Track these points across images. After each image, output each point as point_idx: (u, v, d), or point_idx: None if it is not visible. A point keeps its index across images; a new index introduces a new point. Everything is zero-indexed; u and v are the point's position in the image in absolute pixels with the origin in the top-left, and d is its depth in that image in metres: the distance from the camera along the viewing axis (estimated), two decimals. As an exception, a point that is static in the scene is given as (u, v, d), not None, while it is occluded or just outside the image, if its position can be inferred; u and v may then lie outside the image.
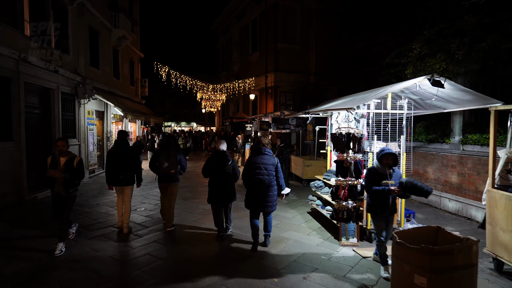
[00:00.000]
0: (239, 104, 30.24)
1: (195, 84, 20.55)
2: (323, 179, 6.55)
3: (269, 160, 4.83)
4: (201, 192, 9.48)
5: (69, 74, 10.36)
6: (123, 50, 16.03)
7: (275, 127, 12.95)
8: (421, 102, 5.40)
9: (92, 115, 12.36)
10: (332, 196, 4.46)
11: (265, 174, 4.74)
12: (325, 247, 5.12)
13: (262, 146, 4.90)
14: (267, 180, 4.75)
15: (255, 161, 4.79)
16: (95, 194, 9.20)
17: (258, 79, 24.86)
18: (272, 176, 4.82)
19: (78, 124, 11.14)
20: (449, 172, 7.19)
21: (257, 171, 4.73)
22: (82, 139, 11.33)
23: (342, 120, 6.40)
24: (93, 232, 5.85)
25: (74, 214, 7.02)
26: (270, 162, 4.82)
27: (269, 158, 4.85)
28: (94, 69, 12.57)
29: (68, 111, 10.63)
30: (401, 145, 5.21)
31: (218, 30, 35.34)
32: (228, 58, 32.55)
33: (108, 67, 13.97)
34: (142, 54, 18.60)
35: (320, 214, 6.71)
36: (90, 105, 12.09)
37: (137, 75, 18.30)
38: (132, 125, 17.80)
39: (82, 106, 11.36)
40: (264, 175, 4.74)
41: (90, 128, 12.03)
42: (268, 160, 4.83)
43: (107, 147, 13.56)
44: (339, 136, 4.16)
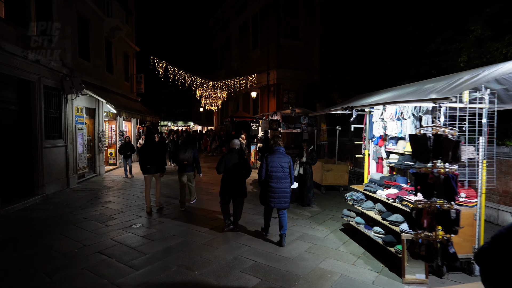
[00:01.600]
0: (239, 103, 28.82)
1: (194, 81, 19.12)
2: (364, 191, 5.22)
3: (284, 159, 5.09)
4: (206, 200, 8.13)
5: (54, 65, 8.89)
6: (117, 43, 14.53)
7: (285, 126, 11.61)
8: (505, 94, 4.09)
9: (82, 113, 10.89)
10: (409, 223, 3.15)
11: (281, 172, 5.00)
12: (383, 286, 3.80)
13: (278, 145, 5.24)
14: (283, 177, 5.02)
15: (272, 160, 5.05)
16: (83, 204, 7.77)
17: (260, 76, 23.47)
18: (287, 174, 5.07)
19: (65, 122, 9.67)
20: (510, 181, 5.93)
21: (274, 169, 5.00)
22: (69, 139, 9.86)
23: (390, 117, 5.07)
24: (72, 266, 4.43)
25: (53, 233, 5.60)
26: (284, 161, 5.08)
27: (284, 157, 5.11)
28: (83, 61, 11.09)
29: (52, 108, 9.15)
30: (479, 149, 3.90)
31: (216, 27, 33.84)
32: (227, 56, 31.11)
33: (99, 59, 12.49)
34: (137, 48, 17.08)
35: (356, 231, 5.40)
36: (79, 102, 10.62)
37: (132, 70, 16.79)
38: (127, 124, 16.30)
39: (69, 103, 9.89)
40: (280, 172, 5.00)
41: (79, 127, 10.56)
42: (283, 158, 5.09)
43: (99, 148, 12.09)
44: (423, 138, 2.86)
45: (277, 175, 4.98)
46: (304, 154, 7.65)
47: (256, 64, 24.73)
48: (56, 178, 9.09)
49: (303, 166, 7.63)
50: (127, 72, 16.23)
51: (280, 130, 11.50)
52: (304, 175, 7.61)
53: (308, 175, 7.61)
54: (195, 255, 4.69)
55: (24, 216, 6.76)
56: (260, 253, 4.77)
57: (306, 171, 7.63)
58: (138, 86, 16.76)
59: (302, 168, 7.63)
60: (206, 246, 5.06)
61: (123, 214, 6.89)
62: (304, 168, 7.63)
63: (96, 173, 11.84)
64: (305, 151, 7.64)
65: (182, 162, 7.06)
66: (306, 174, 7.61)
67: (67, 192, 9.09)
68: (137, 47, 17.04)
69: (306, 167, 7.64)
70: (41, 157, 8.35)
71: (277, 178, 4.98)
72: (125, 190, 9.37)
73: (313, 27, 23.35)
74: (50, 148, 8.86)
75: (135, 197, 8.54)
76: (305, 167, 7.64)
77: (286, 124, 11.69)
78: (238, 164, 5.47)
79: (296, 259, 4.57)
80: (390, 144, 5.59)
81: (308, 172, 7.65)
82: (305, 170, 7.63)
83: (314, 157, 7.57)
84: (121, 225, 6.09)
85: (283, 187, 5.01)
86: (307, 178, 7.58)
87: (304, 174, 7.61)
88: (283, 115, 11.86)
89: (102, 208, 7.41)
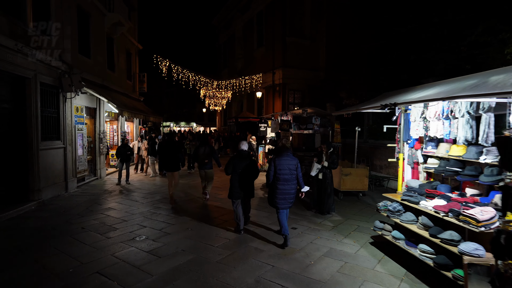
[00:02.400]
0: (243, 104, 28.13)
1: (198, 80, 18.44)
2: (402, 201, 4.52)
3: (292, 161, 5.12)
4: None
5: (51, 60, 8.23)
6: (119, 40, 13.86)
7: (296, 127, 10.93)
8: None
9: (82, 113, 10.22)
10: (494, 250, 2.45)
11: (288, 174, 5.04)
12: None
13: (286, 148, 5.33)
14: (291, 179, 5.07)
15: (279, 163, 5.07)
16: (81, 211, 7.08)
17: (265, 76, 22.77)
18: (295, 176, 5.11)
19: (64, 122, 8.99)
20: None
21: (282, 172, 5.02)
22: (68, 141, 9.18)
23: (435, 116, 4.37)
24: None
25: (46, 247, 4.91)
26: (292, 163, 5.11)
27: (291, 159, 5.14)
28: (83, 57, 10.42)
29: (50, 107, 8.48)
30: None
31: (220, 25, 33.16)
32: (231, 55, 30.42)
33: (101, 56, 11.82)
34: (140, 46, 16.41)
35: (391, 246, 4.71)
36: (79, 101, 9.95)
37: (135, 68, 16.11)
38: (129, 125, 15.64)
39: (68, 102, 9.21)
40: (288, 174, 5.04)
41: (79, 127, 9.89)
42: (291, 161, 5.12)
43: (100, 150, 11.41)
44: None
45: (285, 178, 5.04)
46: (324, 157, 6.94)
47: (261, 63, 24.04)
48: (53, 182, 8.41)
49: (323, 170, 6.93)
50: (129, 71, 15.56)
51: (292, 131, 10.81)
52: (323, 180, 6.91)
53: (328, 181, 6.91)
54: (210, 277, 3.99)
55: (15, 226, 6.07)
56: (286, 274, 4.07)
57: (326, 176, 6.93)
58: (141, 85, 16.09)
59: (322, 173, 6.93)
60: (222, 265, 4.36)
61: (125, 223, 6.20)
62: (324, 173, 6.92)
63: (96, 176, 11.16)
64: (324, 154, 6.94)
65: (203, 160, 7.66)
66: (326, 180, 6.90)
67: (65, 197, 8.40)
68: (139, 45, 16.37)
69: (326, 172, 6.93)
70: (37, 160, 7.66)
71: (284, 180, 5.05)
72: (127, 196, 8.69)
73: (319, 24, 22.65)
74: (47, 150, 8.18)
75: (138, 203, 7.85)
76: (325, 172, 6.93)
77: (297, 124, 11.01)
78: (246, 166, 5.57)
79: (329, 282, 3.87)
80: (429, 147, 4.89)
81: (328, 177, 6.95)
82: (325, 175, 6.93)
83: (335, 160, 6.87)
84: (123, 237, 5.40)
85: (290, 189, 5.08)
86: (327, 183, 6.88)
87: (323, 179, 6.91)
88: (294, 115, 11.17)
89: (103, 216, 6.72)
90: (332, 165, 6.78)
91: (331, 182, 6.94)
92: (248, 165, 5.56)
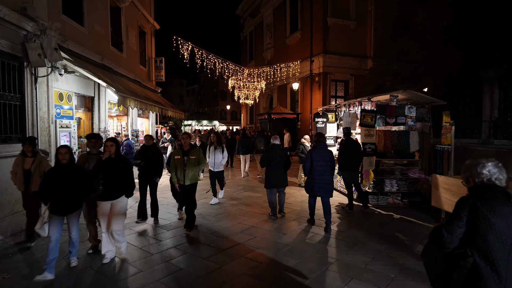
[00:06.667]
0: (273, 98, 24.37)
1: (226, 68, 14.87)
2: None
3: (326, 154, 5.28)
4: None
5: (7, 13, 4.86)
6: (129, 11, 10.47)
7: (380, 121, 7.15)
8: None
9: (70, 102, 6.85)
10: None
11: (324, 165, 5.19)
12: None
13: (320, 143, 5.39)
14: (325, 170, 5.21)
15: (316, 155, 5.22)
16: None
17: (301, 65, 18.99)
18: (329, 167, 5.23)
19: (33, 115, 5.63)
20: None
21: (317, 163, 5.18)
22: (42, 143, 5.83)
23: None
24: None
25: None
26: (328, 155, 5.30)
27: (328, 152, 5.36)
28: (71, 22, 7.02)
29: (4, 89, 5.13)
30: None
31: (245, 14, 29.49)
32: (258, 45, 26.71)
33: (101, 27, 8.43)
34: (157, 25, 13.02)
35: None
36: (64, 84, 6.58)
37: (150, 52, 12.72)
38: (143, 122, 12.27)
39: (43, 83, 5.84)
40: (323, 166, 5.19)
41: (64, 123, 6.51)
42: (326, 154, 5.28)
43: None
44: None
45: (320, 169, 5.17)
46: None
47: (295, 51, 20.16)
48: (12, 211, 5.04)
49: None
50: (143, 54, 12.18)
51: (376, 128, 7.00)
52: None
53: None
54: None
55: None
56: None
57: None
58: (157, 73, 12.68)
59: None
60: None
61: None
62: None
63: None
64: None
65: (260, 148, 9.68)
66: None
67: (31, 252, 4.87)
68: (156, 23, 12.95)
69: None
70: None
71: (320, 172, 5.18)
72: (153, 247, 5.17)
73: (367, 2, 18.67)
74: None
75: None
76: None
77: (382, 117, 7.19)
78: (280, 158, 5.76)
79: None
80: None
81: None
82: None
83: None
84: None
85: (325, 179, 5.21)
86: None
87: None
88: (377, 103, 7.35)
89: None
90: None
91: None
92: (280, 158, 5.77)
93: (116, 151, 3.98)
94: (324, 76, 18.23)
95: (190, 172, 5.04)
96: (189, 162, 5.03)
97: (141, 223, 5.62)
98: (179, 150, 5.18)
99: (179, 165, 5.06)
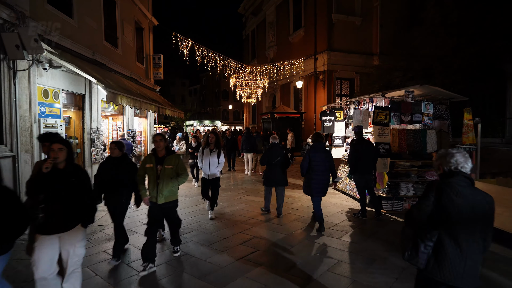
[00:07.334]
0: (276, 97, 23.75)
1: (228, 66, 14.28)
2: None
3: (325, 154, 5.23)
4: None
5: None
6: (124, 4, 9.91)
7: (394, 118, 6.52)
8: None
9: (56, 99, 6.29)
10: None
11: (322, 165, 5.14)
12: None
13: (319, 142, 5.34)
14: (324, 170, 5.16)
15: (314, 155, 5.16)
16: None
17: (304, 63, 18.39)
18: (327, 167, 5.18)
19: (11, 114, 5.07)
20: None
21: (315, 163, 5.12)
22: (22, 145, 5.26)
23: None
24: None
25: None
26: (325, 156, 5.23)
27: (325, 153, 5.27)
28: (59, 13, 6.46)
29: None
30: None
31: (247, 12, 28.90)
32: (261, 43, 26.10)
33: (93, 21, 7.87)
34: (155, 21, 12.45)
35: None
36: (49, 80, 6.02)
37: (148, 49, 12.15)
38: (141, 122, 11.71)
39: (23, 78, 5.28)
40: (321, 166, 5.14)
41: (49, 122, 5.95)
42: (324, 154, 5.22)
43: (92, 158, 7.47)
44: None
45: (318, 169, 5.13)
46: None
47: (299, 49, 19.53)
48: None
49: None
50: (141, 51, 11.61)
51: (391, 127, 6.37)
52: None
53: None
54: None
55: None
56: None
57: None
58: (156, 70, 12.10)
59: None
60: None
61: None
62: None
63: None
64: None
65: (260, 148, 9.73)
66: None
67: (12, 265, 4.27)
68: (154, 19, 12.38)
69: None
70: None
71: (318, 171, 5.13)
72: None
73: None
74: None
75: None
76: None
77: (397, 115, 6.55)
78: (280, 157, 5.77)
79: None
80: None
81: None
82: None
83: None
84: None
85: (323, 179, 5.17)
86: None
87: None
88: (391, 99, 6.71)
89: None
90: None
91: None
92: (281, 157, 5.78)
93: (67, 158, 2.71)
94: (328, 74, 17.61)
95: (165, 187, 3.68)
96: (163, 173, 3.69)
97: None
98: (152, 156, 3.81)
99: (151, 176, 3.75)
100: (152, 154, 3.83)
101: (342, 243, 4.56)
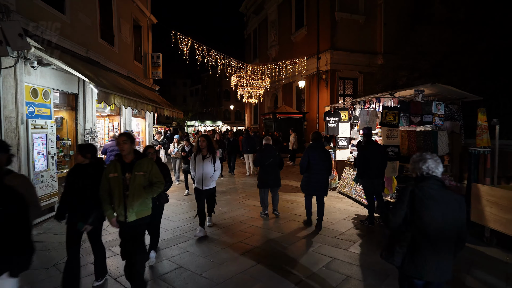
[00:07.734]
0: (278, 97, 23.37)
1: (229, 65, 13.93)
2: None
3: (323, 153, 5.29)
4: None
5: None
6: (121, 1, 9.57)
7: (403, 119, 6.15)
8: None
9: (46, 99, 5.95)
10: None
11: (320, 164, 5.20)
12: None
13: (318, 142, 5.40)
14: (322, 169, 5.23)
15: (313, 154, 5.23)
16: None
17: (307, 63, 18.02)
18: (326, 166, 5.27)
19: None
20: None
21: (314, 162, 5.19)
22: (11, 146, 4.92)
23: None
24: None
25: None
26: (324, 155, 5.29)
27: (323, 152, 5.31)
28: (50, 9, 6.12)
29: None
30: None
31: (249, 12, 28.53)
32: (262, 43, 25.73)
33: (87, 17, 7.54)
34: (154, 19, 12.12)
35: None
36: (38, 79, 5.68)
37: (147, 47, 11.82)
38: (140, 122, 11.38)
39: (9, 77, 4.95)
40: (320, 164, 5.20)
41: (39, 123, 5.61)
42: (322, 153, 5.28)
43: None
44: None
45: (317, 167, 5.19)
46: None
47: (301, 48, 19.14)
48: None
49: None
50: (139, 50, 11.28)
51: (400, 128, 5.99)
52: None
53: None
54: None
55: None
56: None
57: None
58: (154, 69, 11.76)
59: None
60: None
61: None
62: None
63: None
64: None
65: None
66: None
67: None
68: (153, 16, 12.04)
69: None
70: None
71: (317, 170, 5.19)
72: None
73: (376, -4, 17.61)
74: None
75: None
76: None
77: (406, 116, 6.16)
78: (273, 159, 5.70)
79: None
80: None
81: None
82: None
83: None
84: None
85: (322, 178, 5.24)
86: None
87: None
88: (400, 99, 6.32)
89: None
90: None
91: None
92: (274, 158, 5.71)
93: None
94: (331, 74, 17.24)
95: (136, 200, 2.94)
96: (133, 182, 2.95)
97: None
98: (116, 163, 3.01)
99: (116, 188, 2.95)
100: (117, 160, 3.03)
101: (350, 255, 4.19)
